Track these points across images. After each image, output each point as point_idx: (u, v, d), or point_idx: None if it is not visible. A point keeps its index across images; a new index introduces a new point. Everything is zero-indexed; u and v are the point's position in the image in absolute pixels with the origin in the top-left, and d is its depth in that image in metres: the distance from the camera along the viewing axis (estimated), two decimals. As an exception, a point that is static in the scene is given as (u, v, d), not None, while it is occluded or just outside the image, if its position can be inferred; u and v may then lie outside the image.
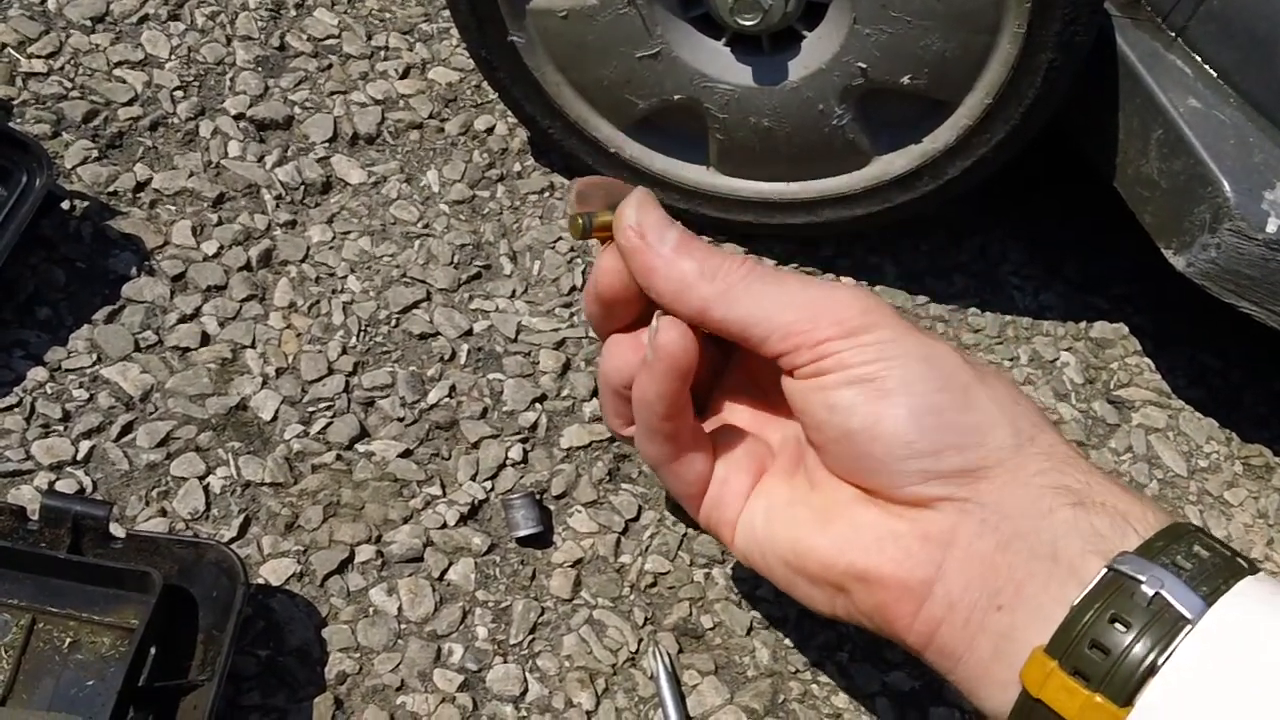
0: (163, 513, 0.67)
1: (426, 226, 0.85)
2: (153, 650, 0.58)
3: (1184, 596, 0.40)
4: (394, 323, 0.79)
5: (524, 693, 0.66)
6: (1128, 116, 0.81)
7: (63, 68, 0.84)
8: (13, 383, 0.69)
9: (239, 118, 0.86)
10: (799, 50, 0.79)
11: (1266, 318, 0.79)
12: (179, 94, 0.86)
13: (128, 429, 0.69)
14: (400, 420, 0.74)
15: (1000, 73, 0.77)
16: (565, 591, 0.70)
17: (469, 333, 0.80)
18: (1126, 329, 0.97)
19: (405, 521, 0.70)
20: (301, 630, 0.65)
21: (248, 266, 0.78)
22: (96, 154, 0.80)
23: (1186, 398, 0.94)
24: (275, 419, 0.72)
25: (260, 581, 0.66)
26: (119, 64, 0.86)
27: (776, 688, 0.69)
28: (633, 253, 0.53)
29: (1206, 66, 0.80)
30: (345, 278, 0.80)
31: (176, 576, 0.60)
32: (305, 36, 0.93)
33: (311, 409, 0.73)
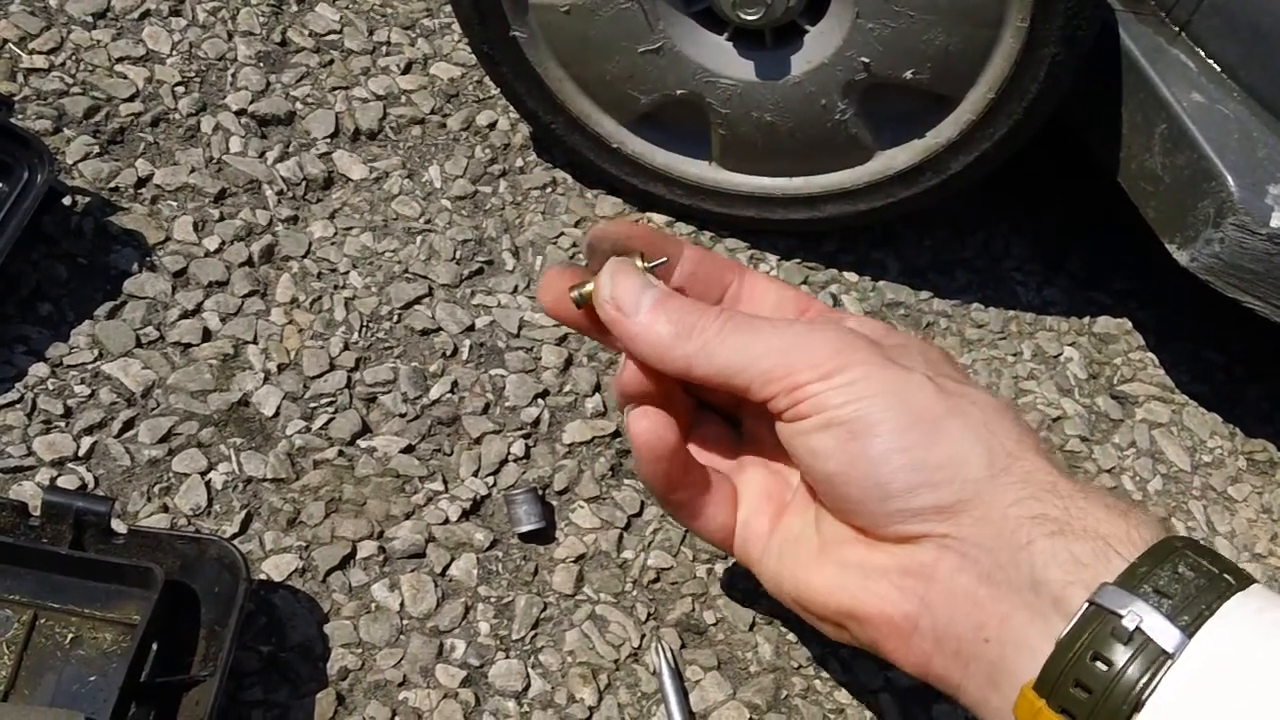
0: (164, 508, 0.67)
1: (428, 222, 0.85)
2: (155, 646, 0.58)
3: (1164, 630, 0.40)
4: (396, 318, 0.79)
5: (526, 688, 0.66)
6: (1131, 111, 0.81)
7: (64, 64, 0.84)
8: (14, 378, 0.69)
9: (240, 113, 0.86)
10: (801, 45, 0.78)
11: (1270, 312, 0.78)
12: (180, 90, 0.86)
13: (129, 425, 0.69)
14: (402, 416, 0.74)
15: (1003, 67, 0.76)
16: (568, 587, 0.70)
17: (471, 328, 0.80)
18: (1130, 324, 0.97)
19: (407, 517, 0.70)
20: (303, 626, 0.65)
21: (249, 262, 0.78)
22: (98, 150, 0.80)
23: (1190, 393, 0.94)
24: (277, 415, 0.72)
25: (262, 577, 0.66)
26: (120, 60, 0.86)
27: (779, 683, 0.69)
28: (612, 324, 0.55)
29: (1210, 61, 0.80)
30: (347, 273, 0.80)
31: (178, 572, 0.60)
32: (307, 32, 0.93)
33: (313, 405, 0.73)
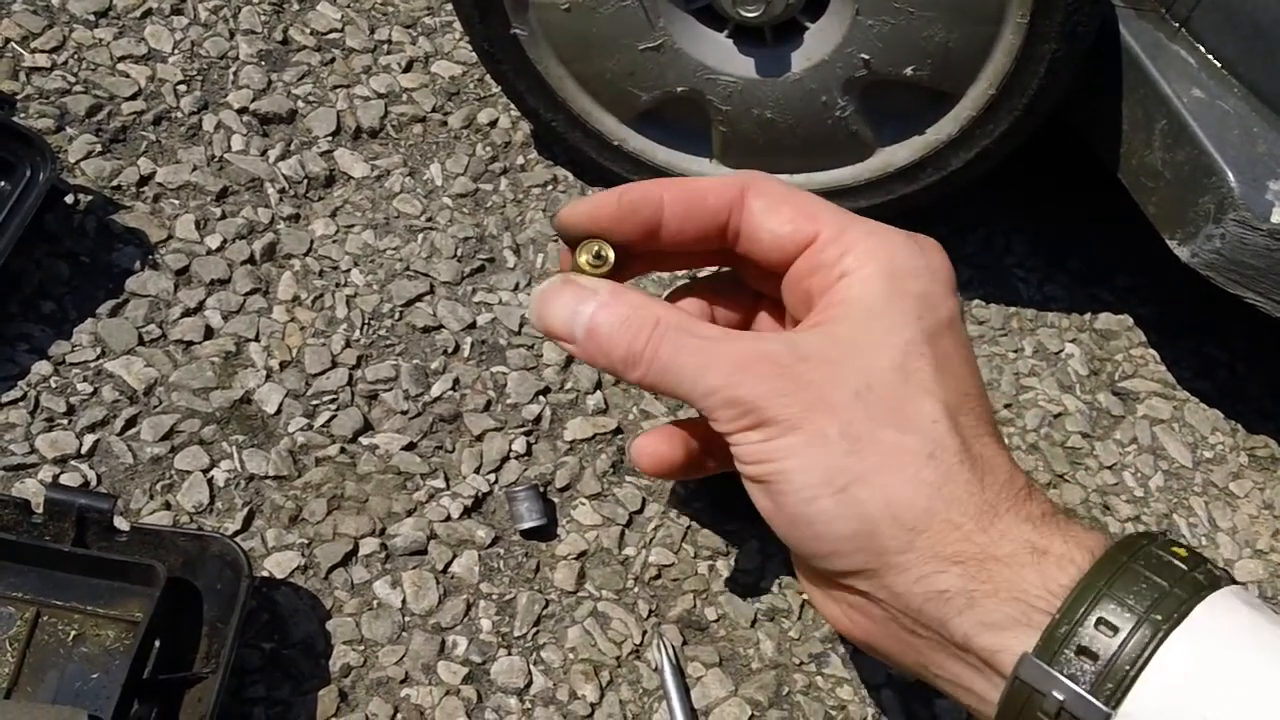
0: (167, 506, 0.67)
1: (430, 220, 0.85)
2: (157, 643, 0.58)
3: (1086, 708, 0.40)
4: (397, 316, 0.79)
5: (528, 685, 0.66)
6: (1131, 107, 0.81)
7: (66, 62, 0.84)
8: (17, 376, 0.69)
9: (242, 112, 0.86)
10: (801, 42, 0.78)
11: (1271, 308, 0.78)
12: (182, 88, 0.86)
13: (132, 422, 0.69)
14: (404, 413, 0.74)
15: (1003, 63, 0.76)
16: (569, 584, 0.70)
17: (472, 326, 0.80)
18: (1131, 320, 0.97)
19: (409, 514, 0.70)
20: (306, 623, 0.65)
21: (251, 260, 0.78)
22: (100, 148, 0.80)
23: (1191, 389, 0.94)
24: (279, 412, 0.72)
25: (264, 574, 0.66)
26: (122, 58, 0.86)
27: (781, 680, 0.69)
28: (567, 349, 0.53)
29: (1210, 57, 0.80)
30: (349, 271, 0.80)
31: (181, 569, 0.60)
32: (308, 30, 0.93)
33: (315, 402, 0.73)
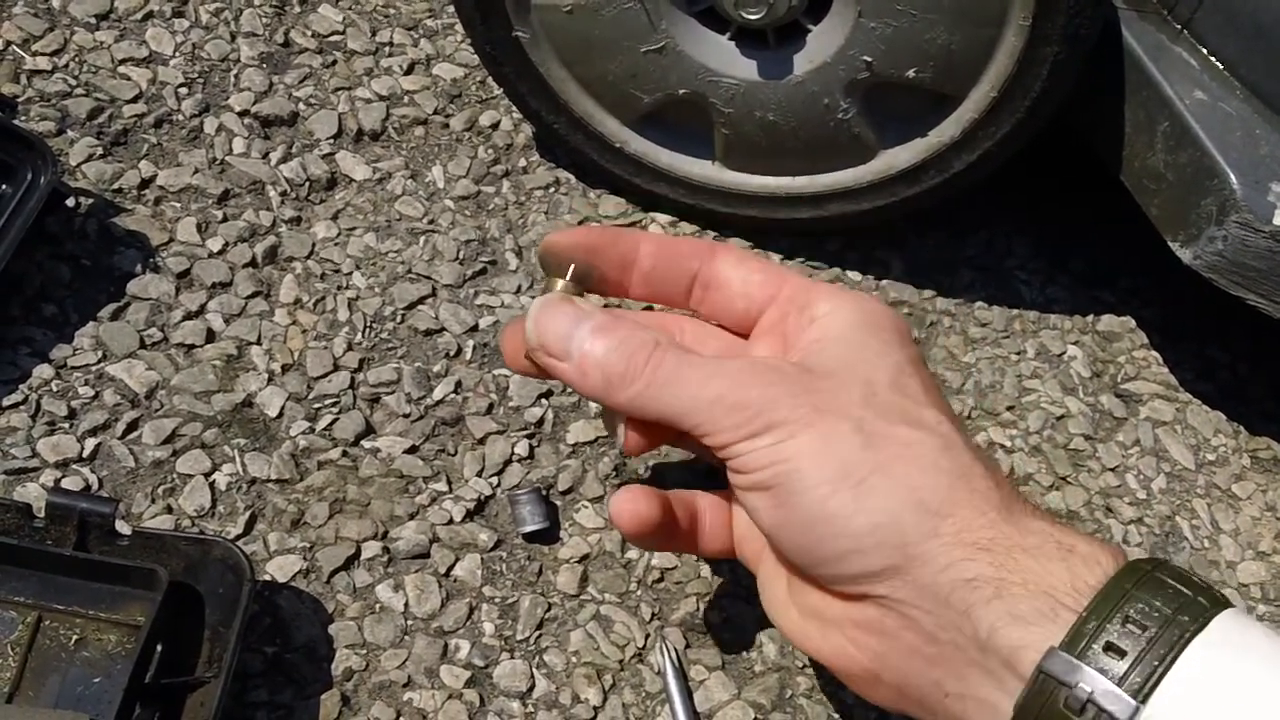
0: (168, 510, 0.67)
1: (431, 222, 0.85)
2: (159, 647, 0.58)
3: (1115, 700, 0.39)
4: (399, 319, 0.79)
5: (531, 688, 0.66)
6: (1133, 109, 0.81)
7: (67, 65, 0.84)
8: (18, 380, 0.69)
9: (244, 114, 0.86)
10: (804, 44, 0.78)
11: (1273, 310, 0.78)
12: (183, 91, 0.86)
13: (133, 426, 0.69)
14: (406, 416, 0.74)
15: (1006, 66, 0.76)
16: (572, 587, 0.70)
17: (474, 328, 0.80)
18: (1134, 322, 0.97)
19: (411, 518, 0.70)
20: (308, 627, 0.65)
21: (253, 263, 0.78)
22: (101, 151, 0.80)
23: (1194, 391, 0.94)
24: (281, 415, 0.72)
25: (266, 578, 0.66)
26: (123, 61, 0.86)
27: (784, 682, 0.69)
28: (550, 370, 0.53)
29: (1212, 58, 0.80)
30: (350, 274, 0.80)
31: (182, 573, 0.60)
32: (310, 33, 0.93)
33: (317, 405, 0.73)
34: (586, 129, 0.86)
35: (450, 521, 0.71)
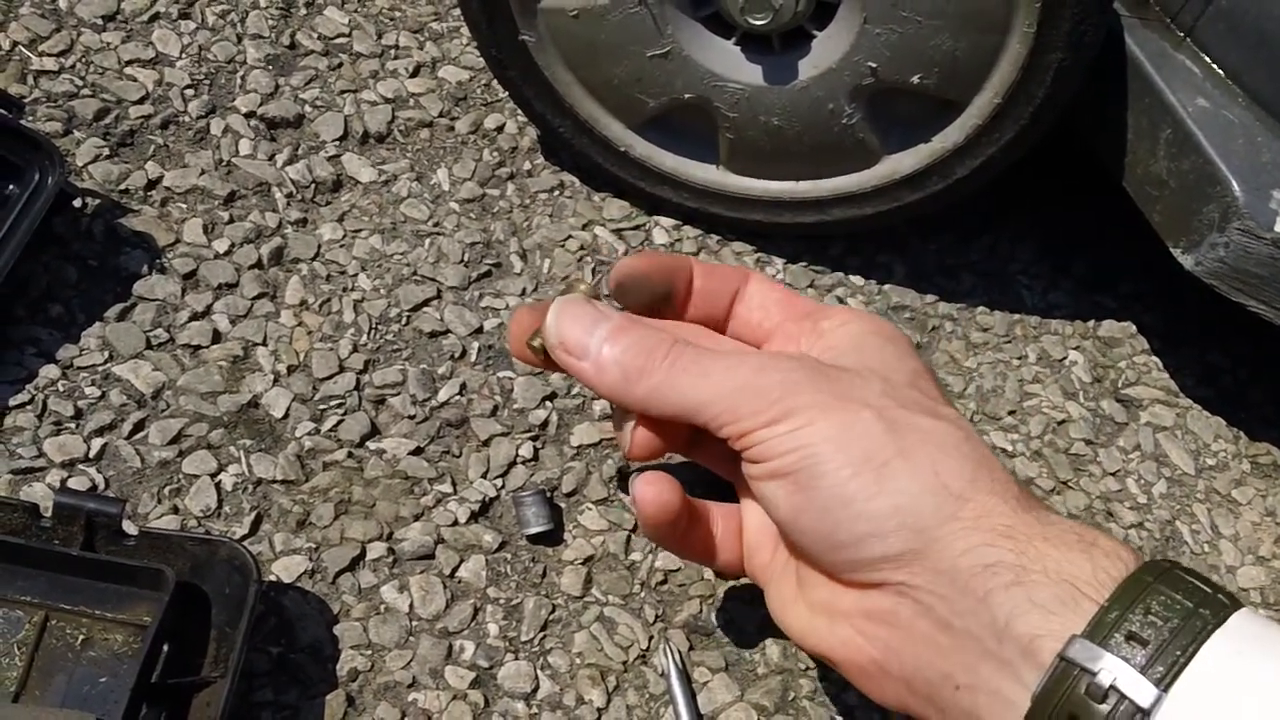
0: (175, 510, 0.67)
1: (437, 225, 0.85)
2: (165, 647, 0.58)
3: (1138, 687, 0.40)
4: (405, 320, 0.79)
5: (535, 690, 0.66)
6: (1136, 116, 0.81)
7: (74, 66, 0.84)
8: (25, 380, 0.69)
9: (250, 116, 0.86)
10: (809, 49, 0.79)
11: (1274, 316, 0.79)
12: (190, 92, 0.86)
13: (139, 426, 0.70)
14: (411, 418, 0.74)
15: (1009, 72, 0.77)
16: (576, 589, 0.70)
17: (479, 330, 0.80)
18: (1135, 328, 0.97)
19: (416, 519, 0.70)
20: (313, 627, 0.65)
21: (259, 264, 0.79)
22: (108, 152, 0.80)
23: (1195, 396, 0.94)
24: (286, 416, 0.72)
25: (272, 578, 0.66)
26: (130, 62, 0.86)
27: (787, 685, 0.69)
28: (567, 368, 0.54)
29: (1215, 66, 0.80)
30: (356, 275, 0.80)
31: (189, 574, 0.60)
32: (316, 35, 0.94)
33: (323, 406, 0.73)
34: (591, 132, 0.86)
35: (455, 523, 0.71)
